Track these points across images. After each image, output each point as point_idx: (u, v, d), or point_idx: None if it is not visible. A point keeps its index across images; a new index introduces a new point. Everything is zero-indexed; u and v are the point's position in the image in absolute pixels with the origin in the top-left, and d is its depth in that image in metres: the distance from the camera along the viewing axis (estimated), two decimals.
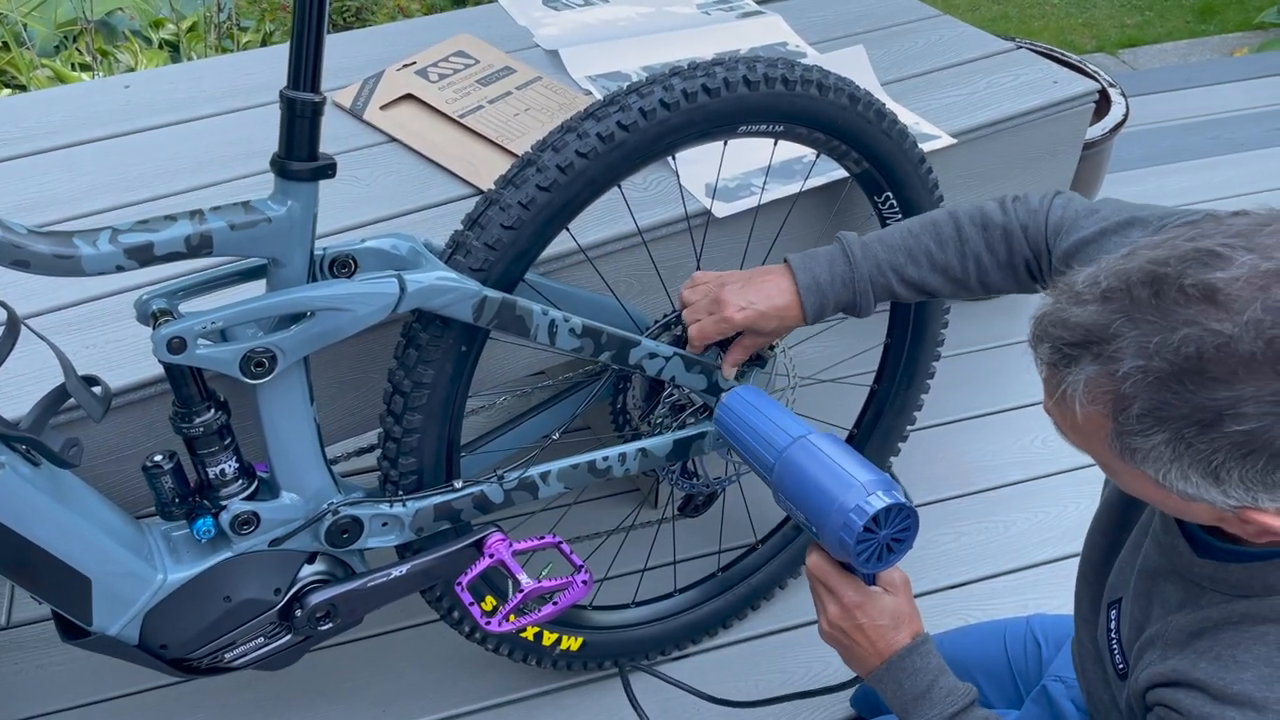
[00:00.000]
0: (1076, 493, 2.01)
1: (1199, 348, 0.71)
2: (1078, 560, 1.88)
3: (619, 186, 1.26)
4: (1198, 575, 0.90)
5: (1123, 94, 2.36)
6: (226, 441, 1.15)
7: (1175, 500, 0.79)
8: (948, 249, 1.20)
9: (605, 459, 1.36)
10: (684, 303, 1.31)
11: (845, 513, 0.97)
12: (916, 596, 1.82)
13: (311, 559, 1.25)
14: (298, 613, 1.23)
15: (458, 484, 1.29)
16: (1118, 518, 1.07)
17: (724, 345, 1.33)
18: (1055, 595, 1.83)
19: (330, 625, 1.26)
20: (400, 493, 1.27)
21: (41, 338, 1.06)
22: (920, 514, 1.95)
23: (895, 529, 0.99)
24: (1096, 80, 2.19)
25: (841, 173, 1.51)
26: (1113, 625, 1.03)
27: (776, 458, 1.07)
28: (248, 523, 1.17)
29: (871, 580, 1.05)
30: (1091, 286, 0.78)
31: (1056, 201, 1.16)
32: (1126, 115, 2.31)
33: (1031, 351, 0.82)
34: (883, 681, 1.05)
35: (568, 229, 1.24)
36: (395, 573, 1.28)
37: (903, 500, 0.99)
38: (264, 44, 2.99)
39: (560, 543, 1.33)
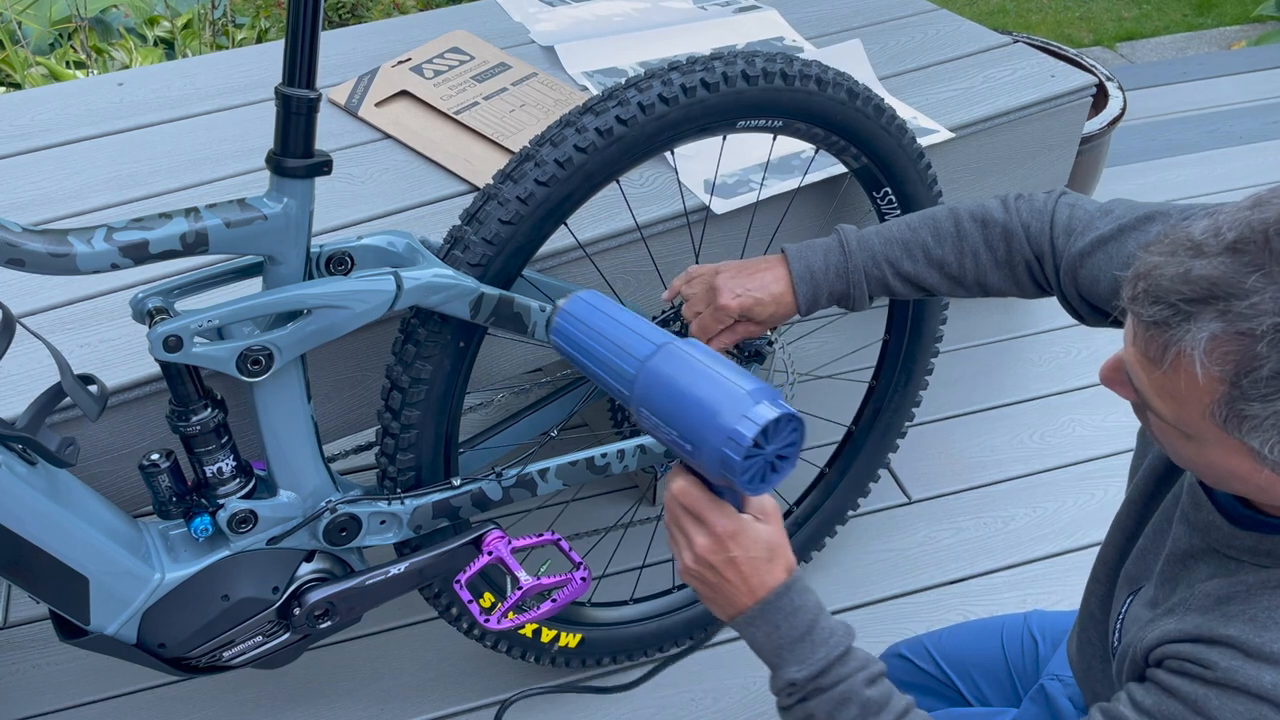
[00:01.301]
0: (1075, 488, 2.01)
1: None
2: (1077, 555, 1.90)
3: (618, 182, 1.26)
4: (1237, 549, 0.87)
5: (1120, 88, 2.35)
6: (223, 440, 1.14)
7: (1266, 476, 0.76)
8: (945, 244, 1.19)
9: (604, 456, 1.35)
10: (680, 295, 1.30)
11: (731, 425, 0.83)
12: (915, 592, 1.84)
13: (310, 557, 1.25)
14: (296, 611, 1.23)
15: (456, 481, 1.28)
16: (1137, 514, 1.05)
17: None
18: (1055, 590, 1.83)
19: (329, 623, 1.26)
20: (398, 490, 1.27)
21: (37, 336, 1.05)
22: (919, 510, 1.98)
23: (782, 444, 0.86)
24: (1094, 74, 2.19)
25: (840, 168, 1.51)
26: (1124, 610, 1.01)
27: (638, 368, 0.90)
28: (245, 521, 1.17)
29: (740, 506, 0.93)
30: (1215, 238, 0.73)
31: (1063, 201, 1.15)
32: (1124, 109, 2.31)
33: (1129, 307, 0.77)
34: (754, 624, 0.93)
35: (566, 224, 1.24)
36: (394, 570, 1.27)
37: (791, 410, 0.86)
38: (259, 41, 2.98)
39: (559, 540, 1.33)
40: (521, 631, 1.50)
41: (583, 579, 1.31)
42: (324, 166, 1.04)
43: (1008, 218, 1.16)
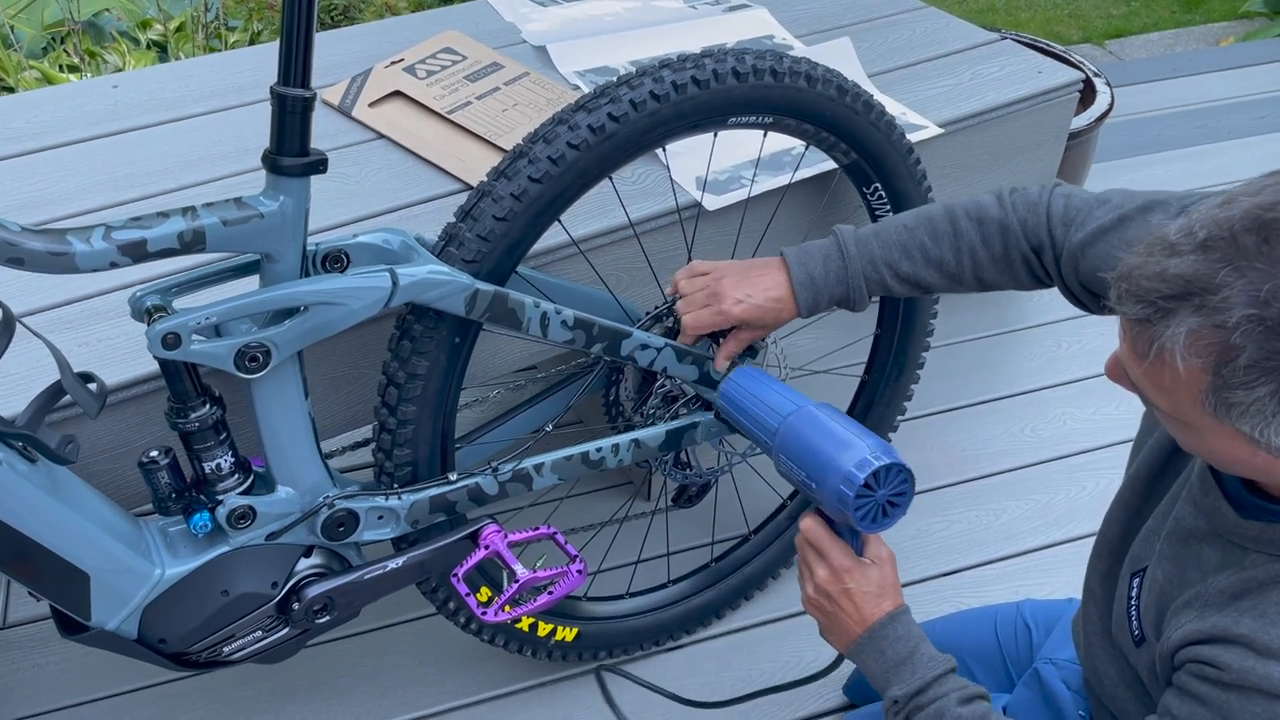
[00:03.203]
0: (1067, 480, 2.03)
1: None
2: (1069, 546, 1.92)
3: (610, 179, 1.27)
4: (1241, 537, 0.89)
5: (1108, 84, 2.37)
6: (222, 436, 1.15)
7: (1263, 458, 0.79)
8: (942, 244, 1.20)
9: (599, 450, 1.37)
10: (679, 293, 1.32)
11: (847, 467, 1.03)
12: (909, 584, 1.85)
13: (308, 552, 1.26)
14: (295, 606, 1.24)
15: (453, 476, 1.30)
16: (1142, 490, 1.07)
17: (715, 336, 1.34)
18: (1046, 581, 1.84)
19: (328, 618, 1.27)
20: (395, 485, 1.28)
21: (37, 335, 1.06)
22: (913, 502, 1.99)
23: (893, 490, 1.04)
24: (1081, 70, 2.20)
25: (830, 164, 1.52)
26: (1134, 594, 1.03)
27: (780, 422, 1.14)
28: (244, 517, 1.18)
29: (860, 551, 1.09)
30: (1187, 237, 0.76)
31: (1058, 192, 1.16)
32: (1111, 105, 2.32)
33: (1115, 308, 0.81)
34: (865, 650, 1.06)
35: (559, 221, 1.25)
36: (391, 565, 1.28)
37: (901, 461, 1.04)
38: (252, 43, 2.99)
39: (555, 533, 1.34)
40: (518, 625, 1.51)
41: (579, 571, 1.32)
42: (319, 165, 1.05)
43: (1003, 213, 1.17)
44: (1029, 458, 2.08)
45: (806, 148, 1.49)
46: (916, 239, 1.21)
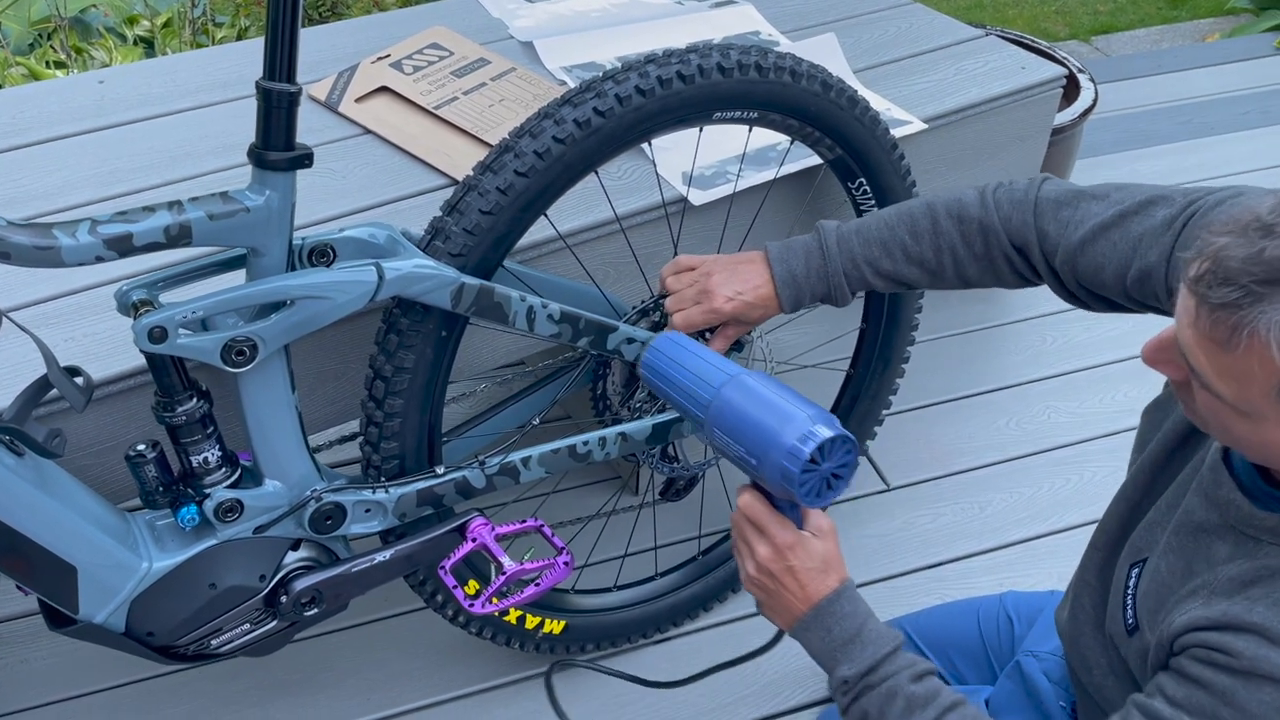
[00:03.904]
0: (1051, 473, 2.04)
1: None
2: (1053, 538, 1.93)
3: (596, 174, 1.28)
4: (1257, 529, 0.88)
5: (1091, 79, 2.39)
6: (209, 430, 1.16)
7: None
8: (922, 242, 1.19)
9: (585, 444, 1.38)
10: (667, 289, 1.31)
11: (790, 442, 0.97)
12: (894, 577, 1.87)
13: (296, 545, 1.26)
14: (283, 599, 1.25)
15: (440, 470, 1.30)
16: (1145, 484, 1.06)
17: (701, 331, 1.35)
18: (1031, 573, 1.86)
19: (315, 611, 1.28)
20: (383, 479, 1.28)
21: (24, 330, 1.07)
22: (898, 496, 2.01)
23: (837, 462, 0.99)
24: (1065, 66, 2.22)
25: (815, 159, 1.53)
26: (1131, 584, 1.02)
27: (713, 394, 1.06)
28: (231, 510, 1.18)
29: (800, 524, 1.05)
30: None
31: (1046, 188, 1.14)
32: (1095, 100, 2.34)
33: (1192, 289, 0.77)
34: (810, 629, 1.02)
35: (546, 215, 1.25)
36: (379, 558, 1.29)
37: (845, 432, 0.98)
38: (239, 39, 2.98)
39: (542, 526, 1.34)
40: (506, 618, 1.52)
41: (565, 563, 1.33)
42: (305, 159, 1.06)
43: (984, 213, 1.15)
44: (1013, 451, 2.09)
45: (791, 143, 1.50)
46: (897, 237, 1.20)
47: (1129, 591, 1.02)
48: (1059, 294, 1.16)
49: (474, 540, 1.30)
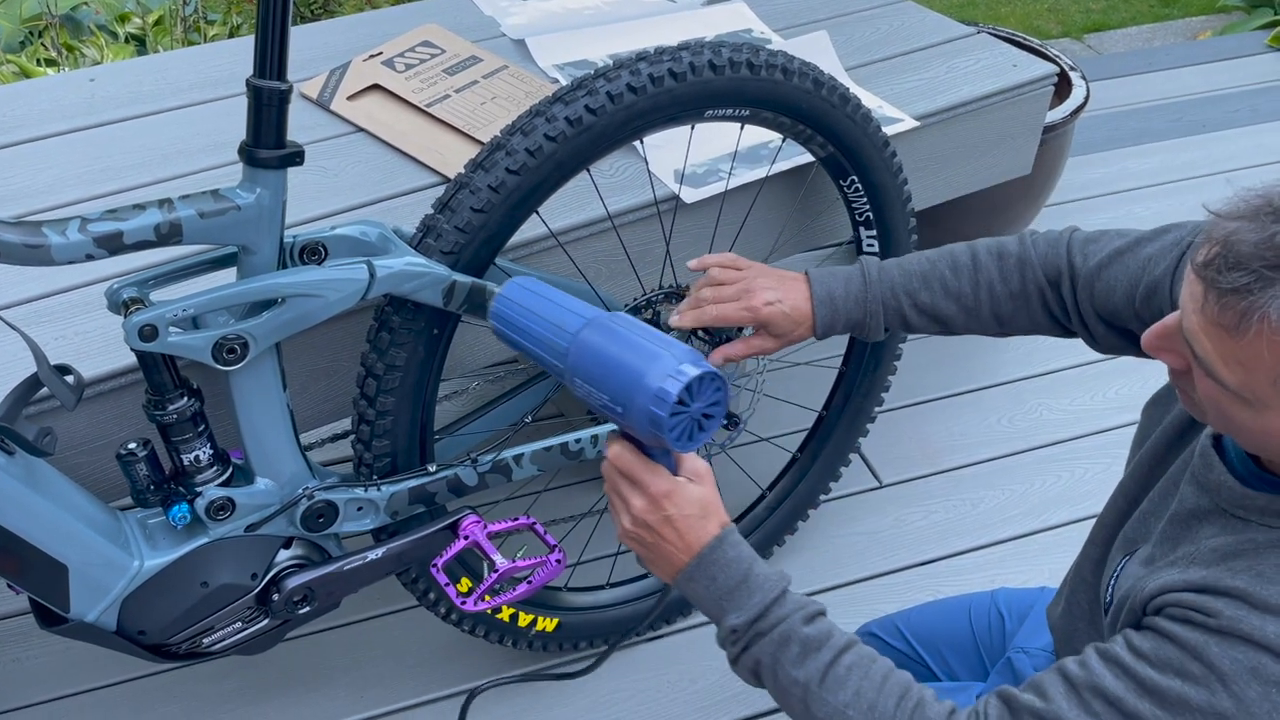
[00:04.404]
0: (1042, 470, 2.05)
1: None
2: (1044, 535, 1.94)
3: (588, 171, 1.28)
4: (1247, 510, 0.88)
5: (1083, 77, 2.39)
6: (200, 428, 1.16)
7: None
8: (962, 277, 1.21)
9: (577, 441, 1.38)
10: (711, 278, 1.27)
11: (656, 385, 0.90)
12: (886, 574, 1.87)
13: (288, 544, 1.26)
14: (275, 597, 1.25)
15: (432, 468, 1.30)
16: (1144, 477, 1.06)
17: (711, 338, 1.34)
18: (1022, 569, 1.86)
19: (307, 609, 1.28)
20: (375, 477, 1.28)
21: (14, 328, 1.06)
22: (889, 493, 2.01)
23: (707, 401, 0.93)
24: (1056, 64, 2.22)
25: (807, 157, 1.53)
26: (1118, 569, 1.02)
27: (570, 340, 0.98)
28: (223, 509, 1.18)
29: (675, 470, 0.99)
30: None
31: (1079, 231, 1.19)
32: (1087, 98, 2.34)
33: (1201, 274, 0.77)
34: (694, 579, 0.97)
35: (538, 213, 1.26)
36: (371, 556, 1.29)
37: (712, 369, 0.93)
38: (231, 36, 2.97)
39: (534, 524, 1.35)
40: (499, 616, 1.52)
41: (558, 561, 1.33)
42: (296, 157, 1.06)
43: (1021, 249, 1.20)
44: (1005, 448, 2.10)
45: (784, 141, 1.50)
46: (937, 270, 1.22)
47: (1114, 575, 1.02)
48: (1085, 338, 1.19)
49: (466, 538, 1.30)
